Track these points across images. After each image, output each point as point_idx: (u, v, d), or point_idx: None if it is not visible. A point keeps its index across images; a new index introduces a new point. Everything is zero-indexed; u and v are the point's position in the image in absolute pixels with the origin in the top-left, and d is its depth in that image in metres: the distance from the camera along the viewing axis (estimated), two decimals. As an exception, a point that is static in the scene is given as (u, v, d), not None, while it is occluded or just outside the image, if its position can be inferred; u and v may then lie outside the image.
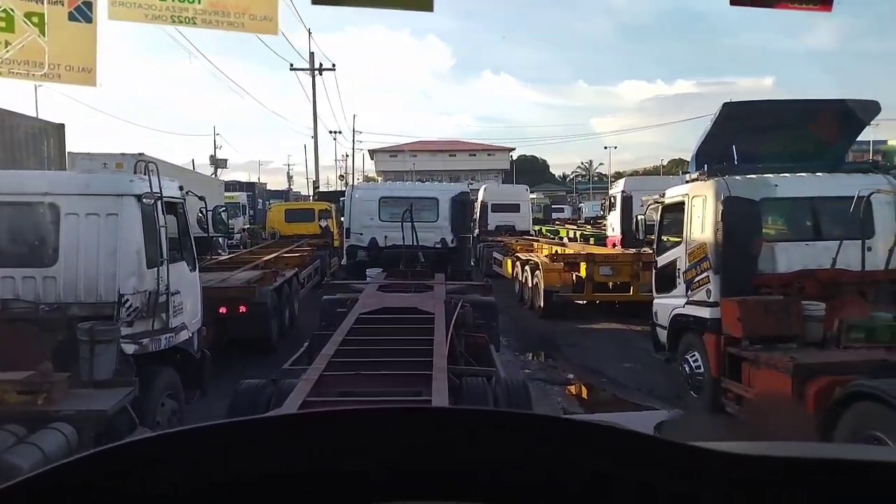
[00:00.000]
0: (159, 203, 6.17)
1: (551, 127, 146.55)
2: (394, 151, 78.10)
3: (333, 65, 33.74)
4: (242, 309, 9.49)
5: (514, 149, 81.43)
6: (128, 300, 5.79)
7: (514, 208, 24.50)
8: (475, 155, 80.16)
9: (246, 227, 31.12)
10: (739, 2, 0.64)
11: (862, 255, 6.91)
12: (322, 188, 38.68)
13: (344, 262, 13.11)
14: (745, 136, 7.55)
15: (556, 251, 14.74)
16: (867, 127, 8.07)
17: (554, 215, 45.60)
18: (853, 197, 6.90)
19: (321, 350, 5.45)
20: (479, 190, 25.73)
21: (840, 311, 6.60)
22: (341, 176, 58.43)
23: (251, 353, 9.39)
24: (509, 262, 17.50)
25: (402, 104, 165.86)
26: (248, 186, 39.01)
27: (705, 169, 7.50)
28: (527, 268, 15.15)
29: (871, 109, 7.50)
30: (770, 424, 6.03)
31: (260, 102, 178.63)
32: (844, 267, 7.00)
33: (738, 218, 7.01)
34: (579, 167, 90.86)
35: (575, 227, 30.64)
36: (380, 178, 64.43)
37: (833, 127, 7.48)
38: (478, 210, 25.00)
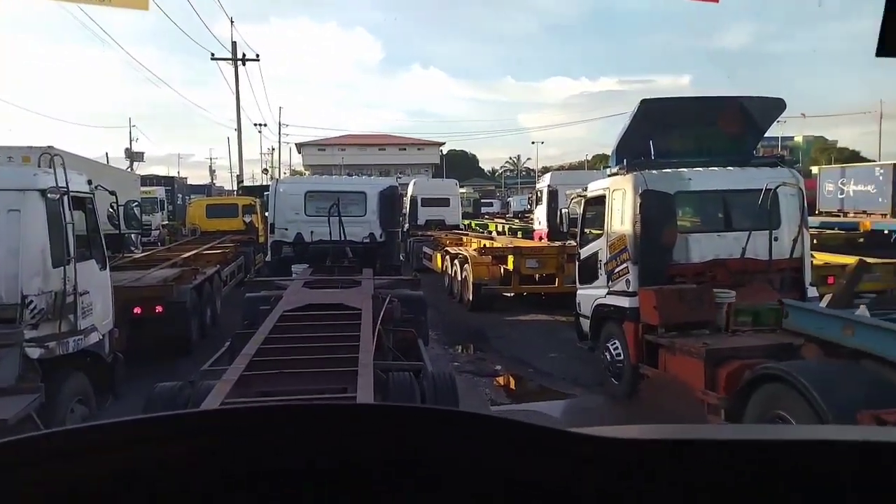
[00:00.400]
0: (66, 198, 5.81)
1: (481, 122, 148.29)
2: (322, 145, 76.81)
3: (257, 55, 32.84)
4: (159, 309, 9.10)
5: (443, 143, 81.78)
6: (32, 301, 5.44)
7: (444, 203, 24.58)
8: (405, 149, 79.92)
9: (164, 223, 29.87)
10: None
11: (769, 244, 7.32)
12: (247, 182, 37.62)
13: (269, 258, 12.77)
14: (661, 132, 7.84)
15: (485, 245, 14.90)
16: (775, 123, 8.53)
17: (483, 209, 46.08)
18: (761, 190, 7.30)
19: (243, 349, 5.29)
20: (408, 184, 25.67)
21: (749, 298, 6.98)
22: (265, 170, 56.97)
23: (170, 354, 9.03)
24: (439, 256, 17.57)
25: (330, 97, 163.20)
26: (167, 181, 37.40)
27: (624, 164, 7.74)
28: (456, 262, 15.25)
29: (777, 107, 7.94)
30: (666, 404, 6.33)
31: (179, 93, 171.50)
32: (753, 256, 7.40)
33: (654, 210, 7.27)
34: (508, 162, 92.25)
35: (504, 221, 31.07)
36: (307, 173, 63.19)
37: (742, 123, 7.88)
38: (407, 204, 24.95)
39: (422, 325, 7.85)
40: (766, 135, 8.78)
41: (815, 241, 17.69)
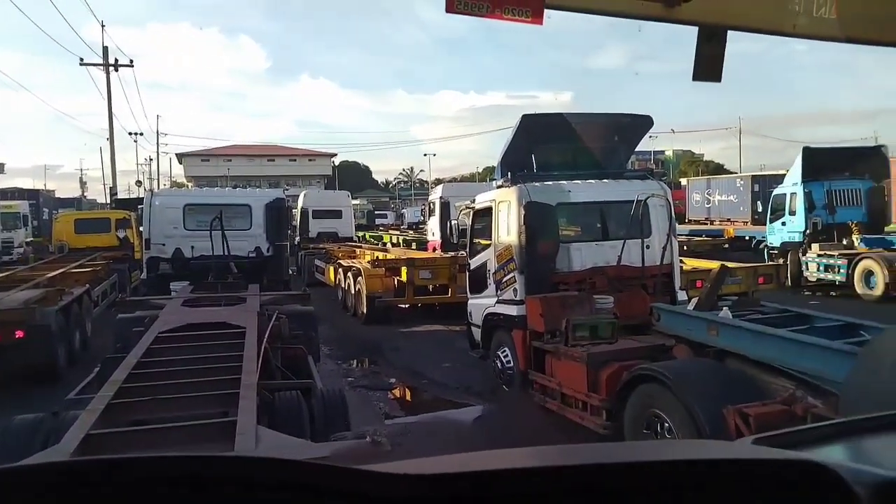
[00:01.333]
0: None
1: (374, 133, 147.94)
2: (205, 156, 73.52)
3: (131, 61, 31.01)
4: (19, 334, 8.30)
5: (336, 154, 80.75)
6: None
7: (337, 214, 24.24)
8: (296, 160, 78.12)
9: (28, 239, 27.38)
10: (454, 9, 0.67)
11: (642, 252, 7.79)
12: (122, 195, 35.24)
13: (145, 276, 12.00)
14: (541, 146, 8.16)
15: (378, 257, 14.82)
16: (648, 138, 9.13)
17: (377, 221, 45.94)
18: (633, 201, 7.76)
19: (112, 375, 4.91)
20: (298, 196, 25.09)
21: (626, 303, 7.38)
22: (138, 182, 53.51)
23: (34, 383, 8.25)
24: (332, 269, 17.27)
25: (214, 106, 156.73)
26: (32, 194, 34.36)
27: (509, 176, 7.98)
28: (349, 274, 15.05)
29: (645, 123, 8.49)
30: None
31: (42, 100, 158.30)
32: (628, 263, 7.84)
33: (537, 221, 7.54)
34: (402, 173, 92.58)
35: (398, 233, 31.09)
36: (190, 184, 60.18)
37: (615, 138, 8.37)
38: (298, 217, 24.38)
39: (312, 341, 7.66)
40: (639, 149, 9.37)
41: (685, 248, 19.24)
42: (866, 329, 5.44)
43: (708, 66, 0.87)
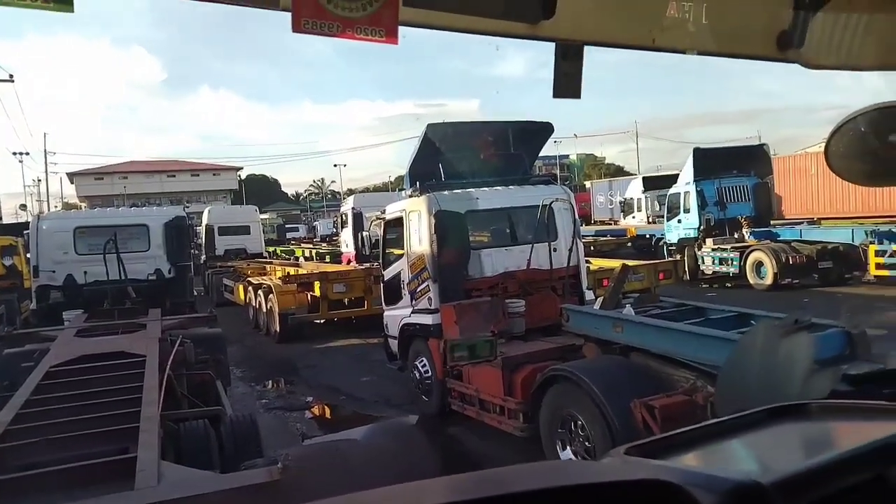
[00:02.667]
0: None
1: (281, 145, 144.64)
2: (99, 174, 69.43)
3: (10, 76, 28.86)
4: None
5: (241, 168, 78.27)
6: None
7: (244, 230, 23.52)
8: (199, 175, 75.08)
9: None
10: (301, 29, 0.65)
11: (549, 255, 8.00)
12: (8, 220, 32.69)
13: (35, 306, 11.15)
14: (448, 155, 8.24)
15: (289, 272, 14.47)
16: (552, 143, 9.40)
17: (289, 235, 44.91)
18: (539, 206, 7.97)
19: (-4, 418, 4.51)
20: (202, 213, 24.16)
21: (537, 305, 7.55)
22: (22, 205, 49.79)
23: None
24: (241, 287, 16.75)
25: (108, 122, 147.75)
26: None
27: (417, 186, 8.00)
28: (260, 292, 14.64)
29: (546, 130, 8.75)
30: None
31: None
32: (537, 266, 8.03)
33: (448, 229, 7.59)
34: (312, 185, 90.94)
35: (311, 246, 30.49)
36: (83, 205, 56.61)
37: (518, 145, 8.58)
38: (203, 234, 23.48)
39: (221, 365, 7.37)
40: (545, 154, 9.66)
41: (591, 248, 20.01)
42: (756, 318, 5.82)
43: (567, 82, 0.90)
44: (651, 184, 28.57)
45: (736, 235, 17.15)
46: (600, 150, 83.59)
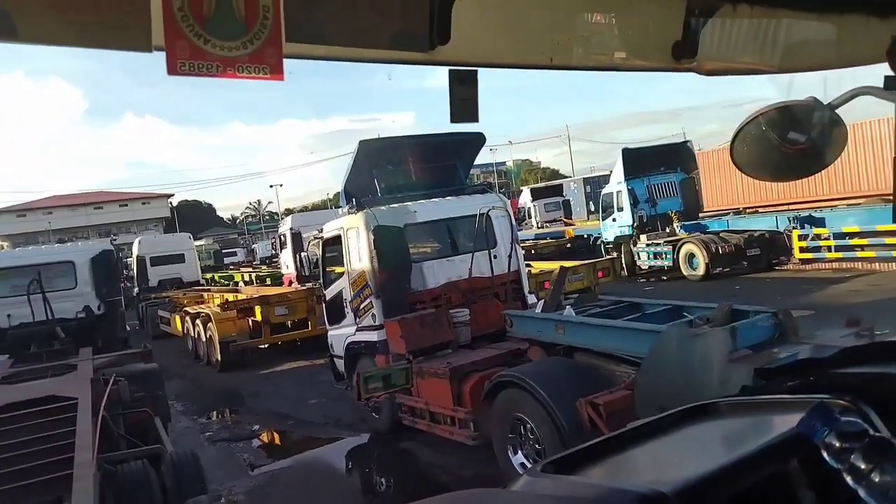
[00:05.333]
0: None
1: (214, 169, 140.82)
2: (21, 211, 66.06)
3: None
4: None
5: (172, 195, 75.88)
6: None
7: (178, 259, 22.77)
8: (127, 205, 72.37)
9: None
10: (177, 71, 0.63)
11: (490, 262, 8.07)
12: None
13: (-48, 355, 10.46)
14: (383, 170, 8.23)
15: (228, 299, 14.09)
16: (488, 151, 9.52)
17: (227, 260, 43.69)
18: (476, 215, 8.04)
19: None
20: (132, 244, 23.30)
21: (481, 313, 7.60)
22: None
23: None
24: (178, 318, 16.21)
25: (28, 156, 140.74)
26: None
27: (354, 203, 7.95)
28: (198, 321, 14.20)
29: (478, 140, 8.85)
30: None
31: None
32: (479, 275, 8.08)
33: (387, 244, 7.56)
34: (248, 207, 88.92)
35: (251, 270, 29.78)
36: (6, 245, 53.68)
37: (451, 156, 8.64)
38: (135, 266, 22.66)
39: (159, 401, 7.09)
40: (482, 162, 9.78)
41: (532, 252, 20.32)
42: (688, 310, 6.02)
43: (463, 107, 0.91)
44: (538, 194, 31.98)
45: (668, 230, 17.77)
46: (536, 155, 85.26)
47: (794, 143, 1.44)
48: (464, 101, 0.90)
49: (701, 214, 18.96)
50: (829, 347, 3.50)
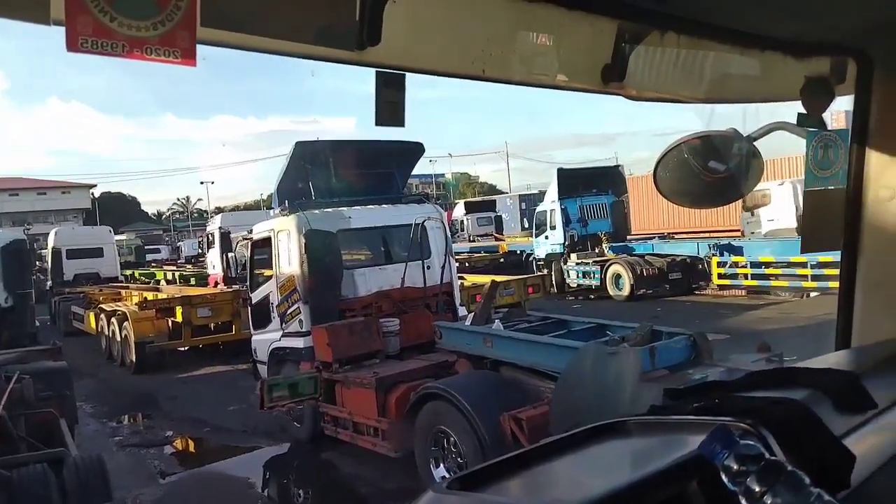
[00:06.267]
0: None
1: (141, 161, 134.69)
2: (-74, 195, 61.49)
3: None
4: None
5: (95, 185, 72.30)
6: None
7: (97, 253, 21.73)
8: (45, 193, 68.46)
9: None
10: (77, 48, 0.60)
11: (423, 273, 8.05)
12: None
13: None
14: (318, 173, 8.09)
15: (147, 297, 13.50)
16: (428, 162, 9.52)
17: (149, 257, 41.98)
18: (412, 224, 8.02)
19: None
20: (47, 235, 22.07)
21: (411, 323, 7.56)
22: None
23: None
24: (92, 315, 15.42)
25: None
26: None
27: (286, 205, 7.79)
28: (114, 319, 13.55)
29: (417, 150, 8.85)
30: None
31: None
32: (412, 284, 8.05)
33: (319, 249, 7.44)
34: (176, 203, 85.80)
35: (174, 268, 28.70)
36: None
37: (389, 164, 8.61)
38: (49, 258, 21.48)
39: (66, 402, 6.73)
40: (422, 172, 9.79)
41: (466, 265, 20.46)
42: (612, 328, 6.18)
43: (389, 110, 0.89)
44: (471, 207, 32.91)
45: (597, 250, 18.26)
46: (475, 169, 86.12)
47: (713, 171, 1.49)
48: (390, 104, 0.89)
49: (629, 237, 19.61)
50: (740, 371, 3.65)
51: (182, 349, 12.89)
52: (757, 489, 0.72)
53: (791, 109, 1.47)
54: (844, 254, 1.52)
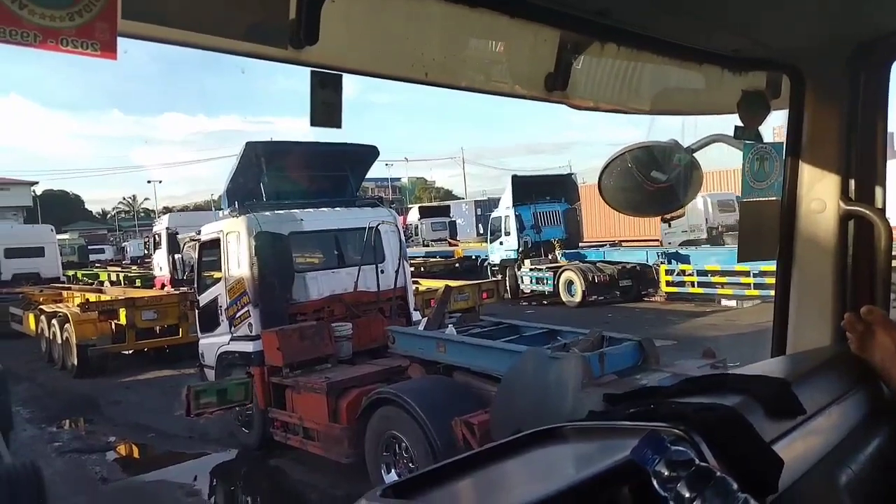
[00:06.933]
0: None
1: (86, 158, 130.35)
2: None
3: None
4: None
5: (36, 182, 69.39)
6: None
7: (37, 252, 20.98)
8: (-18, 190, 65.45)
9: None
10: None
11: (377, 277, 8.00)
12: None
13: None
14: (271, 175, 7.96)
15: (90, 299, 13.04)
16: (384, 166, 9.47)
17: (93, 257, 40.60)
18: (366, 228, 7.96)
19: None
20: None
21: (364, 328, 7.50)
22: None
23: None
24: (31, 316, 14.85)
25: None
26: None
27: (236, 205, 7.63)
28: (54, 321, 13.04)
29: (371, 153, 8.81)
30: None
31: None
32: (365, 289, 7.99)
33: (270, 252, 7.32)
34: (122, 202, 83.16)
35: (119, 269, 27.76)
36: None
37: (343, 167, 8.53)
38: (-15, 257, 20.55)
39: (1, 406, 6.44)
40: (378, 176, 9.73)
41: (422, 269, 20.43)
42: (562, 334, 6.26)
43: (325, 111, 0.88)
44: (426, 212, 33.25)
45: (550, 257, 18.49)
46: (431, 174, 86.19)
47: (655, 181, 1.52)
48: (325, 105, 0.87)
49: (581, 244, 19.94)
50: (685, 376, 3.73)
51: (126, 353, 12.49)
52: (687, 495, 0.73)
53: (730, 123, 1.52)
54: (779, 263, 1.57)
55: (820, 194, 1.49)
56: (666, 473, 0.73)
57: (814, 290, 1.52)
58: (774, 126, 1.62)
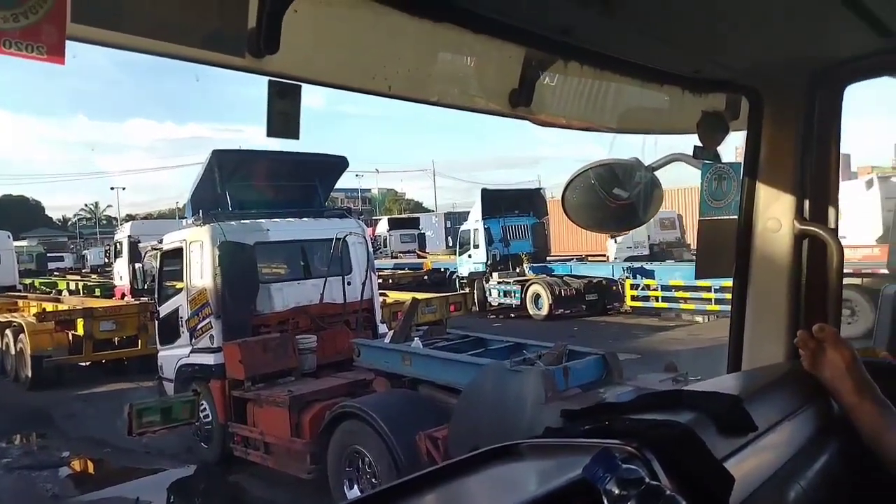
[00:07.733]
0: None
1: (46, 163, 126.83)
2: None
3: None
4: None
5: (-7, 187, 67.43)
6: None
7: (-8, 260, 20.26)
8: (-65, 194, 63.27)
9: None
10: None
11: (343, 289, 7.93)
12: None
13: None
14: (237, 183, 7.85)
15: (46, 308, 12.65)
16: (354, 176, 9.42)
17: (52, 265, 39.41)
18: (333, 239, 7.89)
19: None
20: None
21: (329, 340, 7.42)
22: None
23: None
24: (-17, 326, 14.27)
25: None
26: None
27: (200, 214, 7.51)
28: (8, 331, 12.63)
29: (340, 164, 8.76)
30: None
31: None
32: (331, 300, 7.91)
33: (234, 262, 7.20)
34: (84, 209, 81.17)
35: (79, 278, 27.04)
36: None
37: (311, 177, 8.47)
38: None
39: None
40: (347, 187, 9.68)
41: (390, 281, 20.35)
42: (528, 348, 6.28)
43: (282, 121, 0.87)
44: (394, 224, 33.42)
45: (518, 270, 18.60)
46: (401, 186, 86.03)
47: (617, 198, 1.54)
48: (282, 115, 0.86)
49: (548, 258, 20.09)
50: (648, 390, 3.77)
51: (83, 364, 12.12)
52: (636, 513, 0.73)
53: (690, 142, 1.55)
54: (736, 281, 1.60)
55: (776, 214, 1.52)
56: (616, 492, 0.73)
57: (769, 307, 1.56)
58: (737, 145, 1.66)
